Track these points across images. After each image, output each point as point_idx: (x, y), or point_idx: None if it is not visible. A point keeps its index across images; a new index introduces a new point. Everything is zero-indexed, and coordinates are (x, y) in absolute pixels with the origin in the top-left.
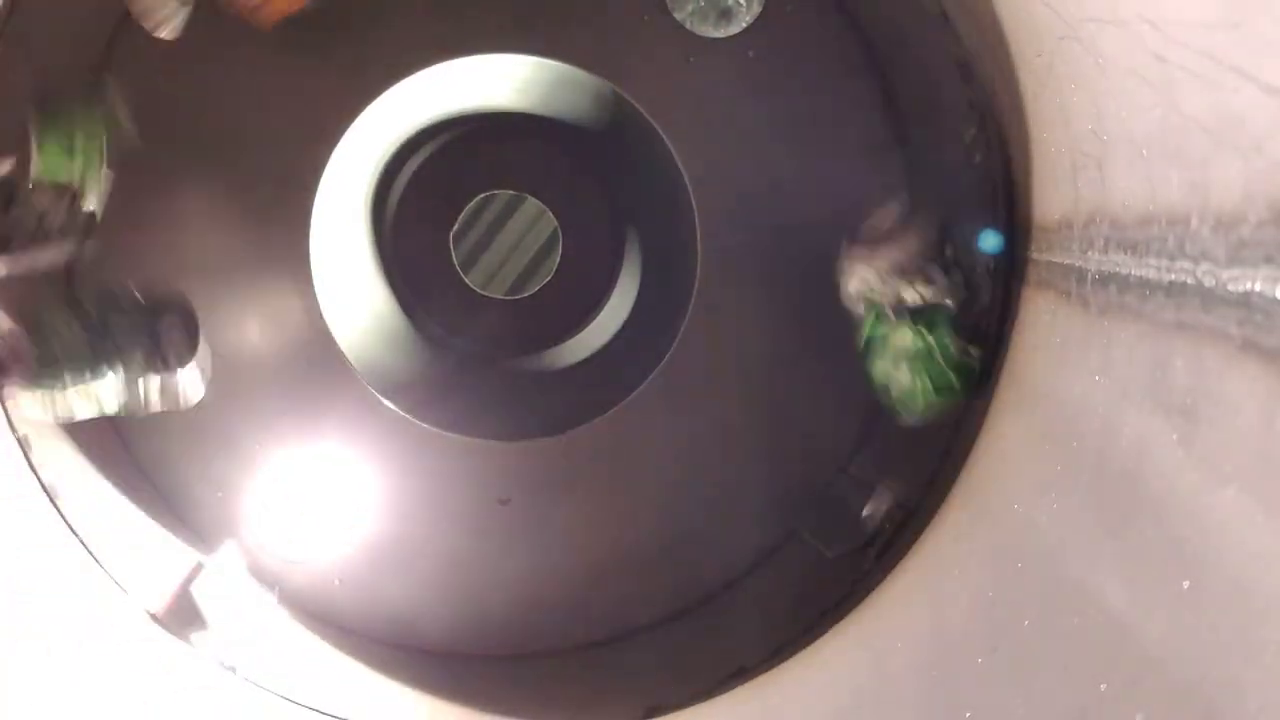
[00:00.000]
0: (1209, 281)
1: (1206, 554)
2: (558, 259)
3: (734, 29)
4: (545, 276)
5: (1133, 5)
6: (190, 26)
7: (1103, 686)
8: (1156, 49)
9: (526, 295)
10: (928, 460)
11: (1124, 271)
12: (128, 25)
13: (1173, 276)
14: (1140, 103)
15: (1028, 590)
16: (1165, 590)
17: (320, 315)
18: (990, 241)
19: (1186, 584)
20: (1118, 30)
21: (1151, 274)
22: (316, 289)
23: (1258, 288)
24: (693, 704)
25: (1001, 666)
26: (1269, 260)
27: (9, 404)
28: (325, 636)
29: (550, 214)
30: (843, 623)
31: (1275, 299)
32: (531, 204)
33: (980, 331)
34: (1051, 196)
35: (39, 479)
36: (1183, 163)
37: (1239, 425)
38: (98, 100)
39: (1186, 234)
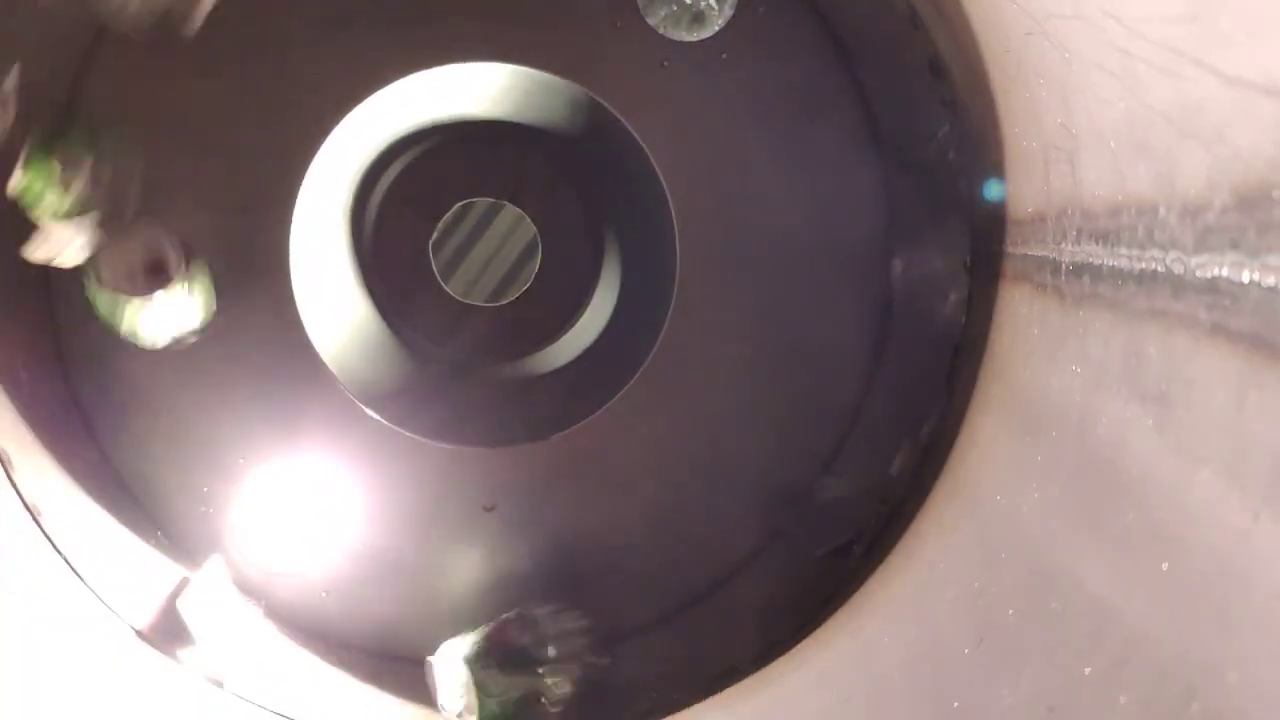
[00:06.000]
0: (1178, 269)
1: (1184, 536)
2: (537, 265)
3: (707, 32)
4: (525, 283)
5: (1096, 0)
6: (166, 41)
7: (1087, 670)
8: (1120, 43)
9: (507, 302)
10: (911, 456)
11: (1096, 262)
12: (106, 37)
13: (1143, 265)
14: (1106, 96)
15: (1012, 580)
16: (1145, 573)
17: (301, 326)
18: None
19: (1165, 566)
20: (1082, 25)
21: (1123, 263)
22: (296, 300)
23: (1224, 273)
24: (684, 706)
25: (988, 656)
26: (1234, 245)
27: None
28: (313, 648)
29: (529, 220)
30: (830, 620)
31: (1241, 283)
32: (510, 211)
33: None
34: (1024, 190)
35: (20, 496)
36: (1149, 153)
37: (1211, 408)
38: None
39: (1155, 223)
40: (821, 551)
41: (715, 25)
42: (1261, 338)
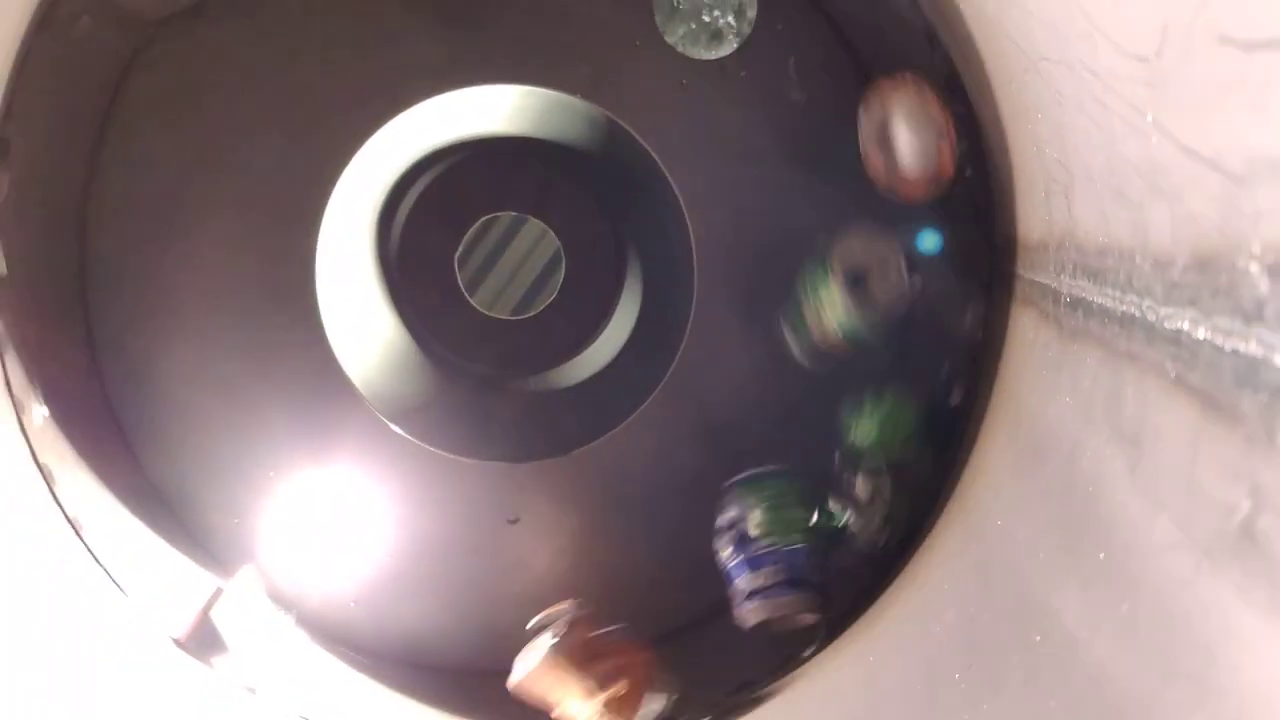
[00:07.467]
0: (1151, 317)
1: (1142, 578)
2: (561, 279)
3: (725, 50)
4: (549, 296)
5: (1076, 51)
6: (190, 67)
7: (1052, 703)
8: (1098, 94)
9: (531, 315)
10: (923, 476)
11: (1088, 298)
12: (136, 67)
13: (1124, 308)
14: (1091, 140)
15: (1002, 607)
16: (1109, 612)
17: (327, 342)
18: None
19: (1125, 606)
20: (1068, 71)
21: (1109, 303)
22: (323, 316)
23: (1185, 327)
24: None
25: (973, 683)
26: (1193, 303)
27: None
28: (342, 657)
29: (553, 234)
30: (840, 639)
31: (1198, 339)
32: (534, 225)
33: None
34: (1032, 216)
35: (63, 512)
36: (1125, 202)
37: (1171, 457)
38: None
39: (1133, 269)
40: (835, 569)
41: (733, 43)
42: (1210, 395)
